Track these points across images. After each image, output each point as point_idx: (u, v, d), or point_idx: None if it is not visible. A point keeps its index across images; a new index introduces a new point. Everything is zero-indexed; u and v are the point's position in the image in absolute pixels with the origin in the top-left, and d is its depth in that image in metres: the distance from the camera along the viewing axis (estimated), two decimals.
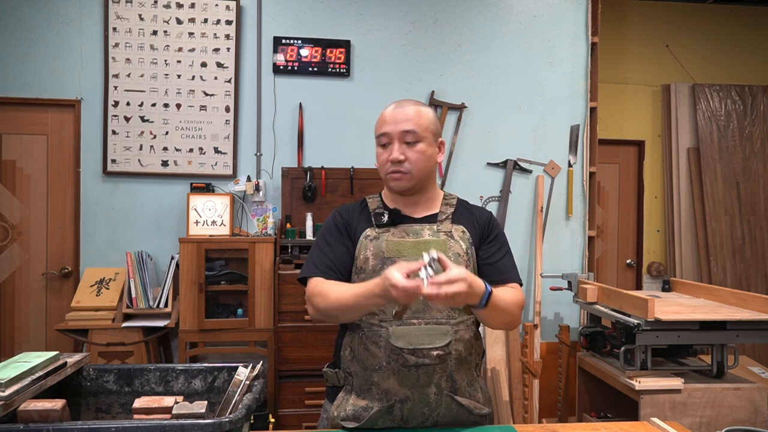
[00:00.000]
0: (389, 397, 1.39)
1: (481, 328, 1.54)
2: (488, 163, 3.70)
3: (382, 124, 1.48)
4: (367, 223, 1.49)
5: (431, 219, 1.51)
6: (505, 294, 1.40)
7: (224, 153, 3.50)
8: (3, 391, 1.11)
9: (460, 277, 1.18)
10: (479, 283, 1.27)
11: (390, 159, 1.45)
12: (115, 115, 3.41)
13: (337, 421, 1.43)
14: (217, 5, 3.47)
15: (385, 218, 1.47)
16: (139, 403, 1.12)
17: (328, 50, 3.56)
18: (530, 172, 3.74)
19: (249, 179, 3.46)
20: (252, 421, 1.29)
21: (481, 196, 3.70)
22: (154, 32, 3.43)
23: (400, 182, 1.46)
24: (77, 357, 1.39)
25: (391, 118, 1.46)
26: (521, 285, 1.50)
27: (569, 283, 3.12)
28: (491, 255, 1.49)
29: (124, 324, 3.11)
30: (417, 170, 1.46)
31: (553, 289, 3.43)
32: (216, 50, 3.48)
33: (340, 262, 1.47)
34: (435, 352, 1.37)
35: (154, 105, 3.44)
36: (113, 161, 3.42)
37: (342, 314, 1.39)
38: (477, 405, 1.45)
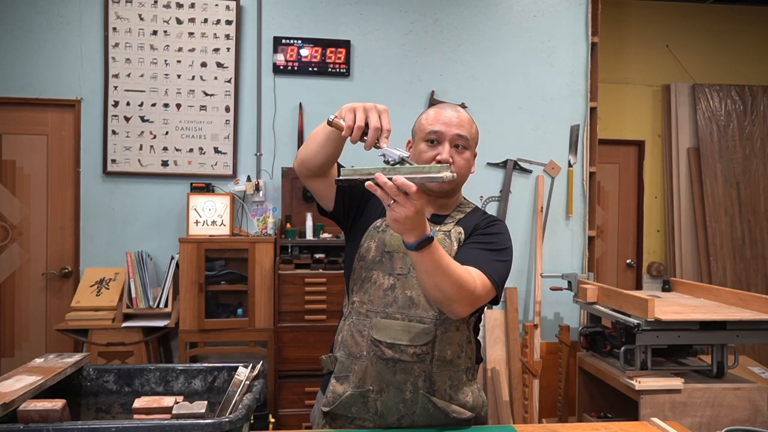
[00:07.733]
0: (364, 386, 1.39)
1: (480, 336, 1.53)
2: (488, 163, 3.70)
3: (435, 122, 1.45)
4: (380, 213, 1.49)
5: (438, 219, 1.49)
6: (455, 265, 1.24)
7: (224, 153, 3.50)
8: None
9: (418, 192, 1.09)
10: (425, 223, 1.16)
11: (440, 159, 1.41)
12: (115, 115, 3.41)
13: (322, 409, 1.43)
14: (217, 5, 3.46)
15: None
16: (139, 403, 1.12)
17: (328, 50, 3.56)
18: (530, 172, 3.74)
19: (249, 179, 3.46)
20: (252, 421, 1.29)
21: (481, 196, 3.70)
22: (154, 32, 3.43)
23: (443, 184, 1.39)
24: (77, 357, 1.39)
25: (446, 119, 1.45)
26: (493, 284, 1.32)
27: (569, 283, 3.12)
28: (469, 243, 1.43)
29: (124, 324, 3.11)
30: (459, 176, 1.44)
31: (553, 289, 3.43)
32: (216, 50, 3.48)
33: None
34: (412, 350, 1.37)
35: (154, 105, 3.44)
36: (113, 161, 3.42)
37: (313, 146, 1.37)
38: (456, 409, 1.41)
